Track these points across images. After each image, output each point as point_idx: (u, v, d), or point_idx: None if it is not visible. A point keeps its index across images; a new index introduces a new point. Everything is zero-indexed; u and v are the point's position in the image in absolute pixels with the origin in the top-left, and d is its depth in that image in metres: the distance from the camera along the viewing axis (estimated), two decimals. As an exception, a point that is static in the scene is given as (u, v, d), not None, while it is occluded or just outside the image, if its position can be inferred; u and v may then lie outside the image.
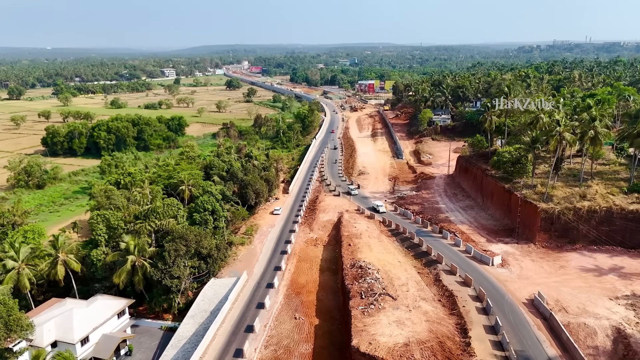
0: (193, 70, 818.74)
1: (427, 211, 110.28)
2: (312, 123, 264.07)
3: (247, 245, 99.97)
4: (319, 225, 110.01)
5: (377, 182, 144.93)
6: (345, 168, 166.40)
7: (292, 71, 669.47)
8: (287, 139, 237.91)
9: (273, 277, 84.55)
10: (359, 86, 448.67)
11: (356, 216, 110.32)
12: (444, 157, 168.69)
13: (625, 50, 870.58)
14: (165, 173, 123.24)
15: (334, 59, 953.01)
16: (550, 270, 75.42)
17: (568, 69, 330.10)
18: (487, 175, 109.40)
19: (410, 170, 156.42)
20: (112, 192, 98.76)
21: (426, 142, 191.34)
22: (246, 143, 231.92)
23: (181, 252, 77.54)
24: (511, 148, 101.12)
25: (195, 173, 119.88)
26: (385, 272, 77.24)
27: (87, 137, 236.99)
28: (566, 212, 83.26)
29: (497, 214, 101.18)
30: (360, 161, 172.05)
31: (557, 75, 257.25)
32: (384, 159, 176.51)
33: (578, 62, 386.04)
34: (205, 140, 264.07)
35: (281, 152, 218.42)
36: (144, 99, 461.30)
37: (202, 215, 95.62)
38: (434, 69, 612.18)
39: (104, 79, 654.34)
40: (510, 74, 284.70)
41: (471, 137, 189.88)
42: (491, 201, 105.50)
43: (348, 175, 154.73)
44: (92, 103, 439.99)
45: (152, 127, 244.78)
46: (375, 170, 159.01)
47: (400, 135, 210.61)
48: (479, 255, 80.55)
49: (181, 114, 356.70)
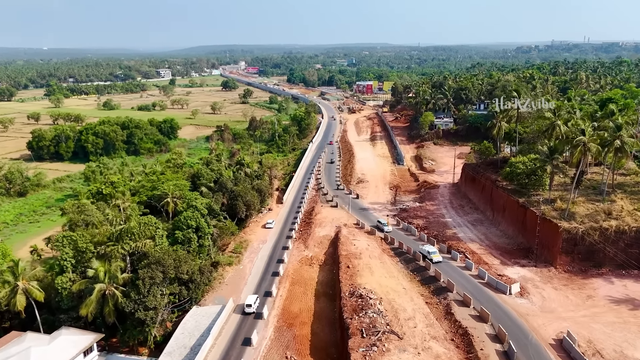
0: (189, 70, 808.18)
1: (432, 226, 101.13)
2: (308, 126, 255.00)
3: (235, 266, 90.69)
4: (315, 241, 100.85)
5: (377, 191, 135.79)
6: (344, 175, 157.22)
7: (289, 72, 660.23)
8: (282, 143, 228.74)
9: (263, 305, 75.35)
10: (357, 87, 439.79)
11: (355, 231, 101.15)
12: (447, 163, 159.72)
13: (624, 50, 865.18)
14: (149, 184, 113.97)
15: (331, 59, 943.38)
16: (577, 302, 66.42)
17: (571, 70, 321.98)
18: (498, 187, 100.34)
19: (412, 178, 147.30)
20: (86, 207, 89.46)
21: (428, 147, 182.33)
22: (240, 147, 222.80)
23: (157, 280, 68.32)
24: (525, 158, 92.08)
25: (181, 184, 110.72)
26: (388, 302, 68.14)
27: (74, 141, 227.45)
28: (591, 233, 74.32)
29: (510, 231, 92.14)
30: (359, 167, 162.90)
31: (562, 77, 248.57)
32: (384, 165, 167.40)
33: (581, 63, 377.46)
34: (198, 144, 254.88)
35: (276, 156, 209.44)
36: (137, 100, 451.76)
37: (185, 233, 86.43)
38: (432, 70, 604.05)
39: (99, 79, 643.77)
40: (512, 75, 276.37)
41: (475, 141, 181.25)
42: (503, 216, 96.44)
43: (346, 183, 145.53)
44: (85, 104, 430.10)
45: (143, 131, 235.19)
46: (375, 177, 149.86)
47: (400, 139, 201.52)
48: (494, 282, 71.44)
49: (175, 115, 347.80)
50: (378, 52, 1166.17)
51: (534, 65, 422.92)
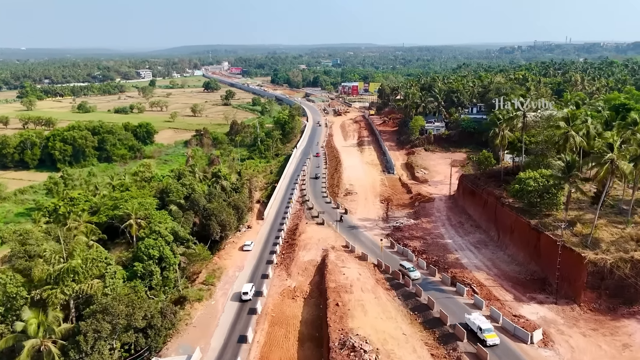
0: (170, 71, 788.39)
1: (431, 249, 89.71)
2: (292, 130, 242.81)
3: (205, 301, 78.04)
4: (299, 267, 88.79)
5: (367, 204, 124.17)
6: (330, 185, 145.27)
7: (273, 72, 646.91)
8: (265, 148, 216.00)
9: (236, 355, 63.12)
10: (343, 88, 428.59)
11: (344, 256, 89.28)
12: (440, 172, 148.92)
13: (605, 50, 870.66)
14: (111, 202, 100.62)
15: (316, 59, 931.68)
16: (612, 352, 55.40)
17: (560, 71, 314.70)
18: (504, 205, 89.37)
19: (404, 189, 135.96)
20: (30, 236, 76.16)
21: (419, 154, 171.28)
22: (219, 153, 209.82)
23: (104, 334, 55.70)
24: (536, 174, 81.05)
25: (147, 202, 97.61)
26: (387, 355, 56.40)
27: (41, 147, 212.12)
28: (621, 265, 63.48)
29: (520, 257, 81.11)
30: (347, 176, 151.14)
31: (553, 78, 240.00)
32: (373, 173, 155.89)
33: (569, 64, 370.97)
34: (176, 149, 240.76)
35: (258, 163, 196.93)
36: (115, 102, 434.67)
37: (145, 265, 73.77)
38: (418, 70, 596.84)
39: (76, 80, 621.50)
40: (501, 76, 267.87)
41: (469, 147, 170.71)
42: (510, 238, 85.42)
43: (333, 195, 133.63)
44: (59, 107, 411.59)
45: (116, 136, 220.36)
46: (364, 188, 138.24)
47: (389, 145, 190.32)
48: (511, 328, 59.99)
49: (153, 118, 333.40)
50: (363, 52, 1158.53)
51: (521, 66, 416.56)
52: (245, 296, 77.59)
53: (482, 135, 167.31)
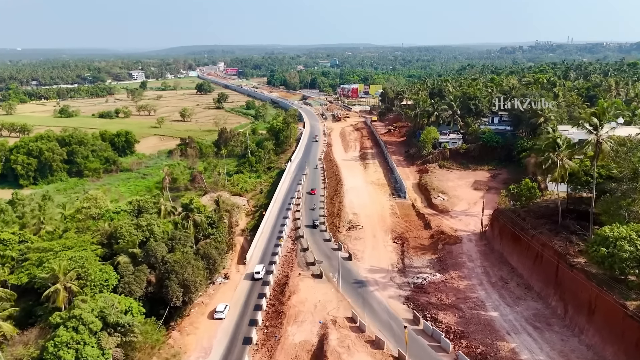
0: (164, 72, 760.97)
1: (472, 330, 64.10)
2: (287, 139, 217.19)
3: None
4: (287, 354, 63.48)
5: (377, 245, 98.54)
6: (330, 214, 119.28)
7: (270, 73, 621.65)
8: (257, 159, 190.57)
9: None
10: (342, 90, 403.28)
11: (350, 338, 63.93)
12: (462, 196, 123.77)
13: (608, 50, 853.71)
14: (35, 255, 75.11)
15: (314, 60, 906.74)
16: None
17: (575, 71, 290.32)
18: (572, 267, 64.16)
19: (421, 222, 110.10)
20: None
21: (433, 172, 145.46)
22: (203, 168, 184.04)
23: None
24: (632, 232, 55.81)
25: (84, 256, 72.15)
26: None
27: (2, 161, 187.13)
28: None
29: (609, 354, 55.75)
30: (349, 202, 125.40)
31: (581, 81, 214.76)
32: (381, 198, 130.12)
33: (587, 65, 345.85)
34: (158, 160, 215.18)
35: (248, 178, 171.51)
36: (102, 105, 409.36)
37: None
38: (419, 71, 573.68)
39: (64, 82, 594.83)
40: (513, 79, 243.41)
41: (490, 163, 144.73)
42: (590, 320, 59.82)
43: (333, 230, 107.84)
44: (42, 111, 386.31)
45: (89, 147, 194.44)
46: (371, 220, 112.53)
47: (397, 160, 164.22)
48: None
49: (140, 124, 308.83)
50: (361, 52, 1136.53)
51: (531, 67, 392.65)
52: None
53: (504, 150, 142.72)
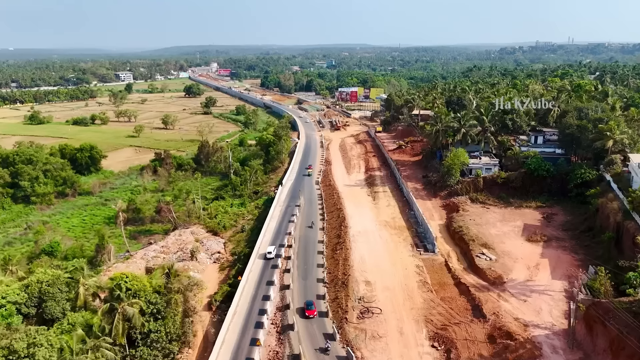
0: (154, 73, 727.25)
1: None
2: (279, 154, 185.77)
3: None
4: None
5: (407, 351, 64.12)
6: (332, 280, 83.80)
7: (264, 75, 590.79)
8: (242, 181, 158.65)
9: None
10: (340, 94, 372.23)
11: None
12: (514, 252, 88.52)
13: (610, 51, 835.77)
14: None
15: (309, 60, 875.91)
16: None
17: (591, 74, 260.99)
18: None
19: (465, 300, 75.23)
20: None
21: (465, 210, 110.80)
22: (173, 196, 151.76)
23: None
24: None
25: None
26: None
27: None
28: None
29: None
30: (359, 259, 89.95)
31: (625, 89, 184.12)
32: (401, 252, 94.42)
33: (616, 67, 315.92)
34: (127, 179, 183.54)
35: (230, 205, 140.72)
36: (81, 110, 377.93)
37: None
38: (420, 73, 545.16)
39: (46, 84, 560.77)
40: (534, 82, 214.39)
41: (539, 199, 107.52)
42: None
43: (339, 315, 72.96)
44: (13, 116, 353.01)
45: (39, 167, 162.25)
46: (392, 296, 77.14)
47: (413, 188, 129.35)
48: None
49: (115, 133, 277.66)
50: (358, 53, 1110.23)
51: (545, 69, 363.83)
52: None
53: (555, 181, 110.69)
